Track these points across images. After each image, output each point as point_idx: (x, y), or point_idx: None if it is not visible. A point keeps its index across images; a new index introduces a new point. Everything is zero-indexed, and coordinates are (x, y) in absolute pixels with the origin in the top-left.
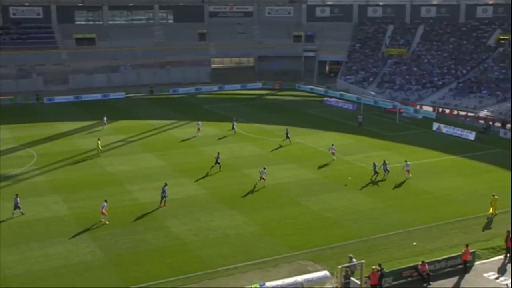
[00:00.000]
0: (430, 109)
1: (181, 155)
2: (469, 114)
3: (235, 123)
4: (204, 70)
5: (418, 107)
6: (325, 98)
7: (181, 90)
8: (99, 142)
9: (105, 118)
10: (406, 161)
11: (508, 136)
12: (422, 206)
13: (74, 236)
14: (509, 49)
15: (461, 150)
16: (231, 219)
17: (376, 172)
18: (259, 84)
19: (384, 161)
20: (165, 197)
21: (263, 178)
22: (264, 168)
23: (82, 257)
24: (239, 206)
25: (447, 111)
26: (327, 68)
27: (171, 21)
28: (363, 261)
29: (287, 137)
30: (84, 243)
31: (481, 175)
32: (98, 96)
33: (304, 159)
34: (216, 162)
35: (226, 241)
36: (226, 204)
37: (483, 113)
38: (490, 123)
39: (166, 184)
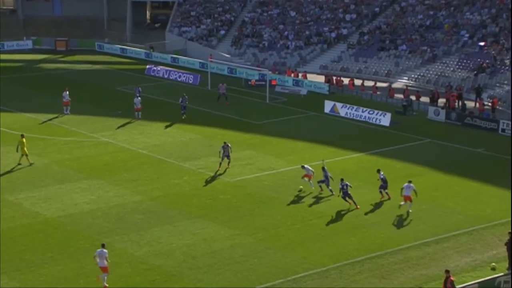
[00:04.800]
0: (320, 79)
1: None
2: (380, 84)
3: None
4: None
5: (300, 76)
6: (148, 66)
7: None
8: (23, 141)
9: None
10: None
11: (441, 117)
12: (312, 238)
13: None
14: None
15: (369, 143)
16: None
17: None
18: (28, 43)
19: None
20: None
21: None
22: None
23: None
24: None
25: (346, 81)
26: (148, 14)
27: None
28: None
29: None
30: None
31: (402, 182)
32: None
33: (116, 169)
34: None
35: None
36: None
37: (401, 83)
38: (413, 97)
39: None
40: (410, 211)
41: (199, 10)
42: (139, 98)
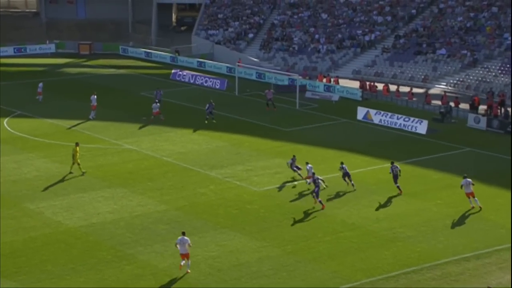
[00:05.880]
0: (353, 84)
1: None
2: (417, 90)
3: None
4: None
5: (332, 81)
6: (173, 70)
7: None
8: (77, 149)
9: (41, 85)
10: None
11: (482, 125)
12: (344, 251)
13: None
14: None
15: (404, 152)
16: None
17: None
18: (51, 46)
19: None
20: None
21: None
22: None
23: None
24: (19, 271)
25: (380, 86)
26: (173, 16)
27: None
28: None
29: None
30: None
31: (439, 194)
32: None
33: (140, 178)
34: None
35: None
36: None
37: (439, 88)
38: (452, 104)
39: None
40: (480, 205)
41: (227, 13)
42: (158, 103)
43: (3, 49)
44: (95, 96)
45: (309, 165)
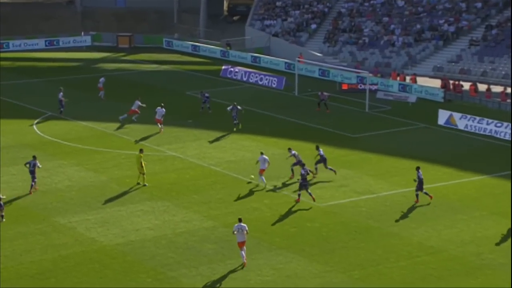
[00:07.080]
0: (434, 83)
1: None
2: (511, 90)
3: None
4: None
5: (408, 80)
6: (223, 66)
7: None
8: (141, 156)
9: (102, 80)
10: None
11: None
12: (422, 279)
13: None
14: None
15: (495, 163)
16: None
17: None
18: (87, 39)
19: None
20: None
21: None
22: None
23: None
24: None
25: (467, 86)
26: (225, 5)
27: None
28: None
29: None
30: None
31: None
32: None
33: (184, 190)
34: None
35: None
36: None
37: None
38: None
39: None
40: None
41: (286, 0)
42: (163, 109)
43: (33, 41)
44: (139, 102)
45: (263, 156)
